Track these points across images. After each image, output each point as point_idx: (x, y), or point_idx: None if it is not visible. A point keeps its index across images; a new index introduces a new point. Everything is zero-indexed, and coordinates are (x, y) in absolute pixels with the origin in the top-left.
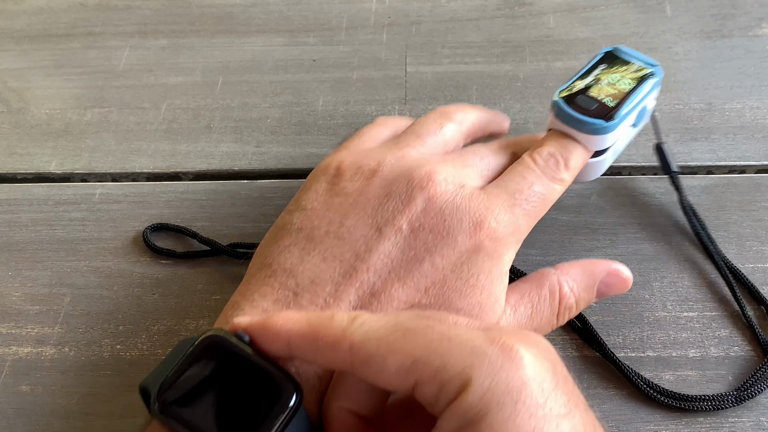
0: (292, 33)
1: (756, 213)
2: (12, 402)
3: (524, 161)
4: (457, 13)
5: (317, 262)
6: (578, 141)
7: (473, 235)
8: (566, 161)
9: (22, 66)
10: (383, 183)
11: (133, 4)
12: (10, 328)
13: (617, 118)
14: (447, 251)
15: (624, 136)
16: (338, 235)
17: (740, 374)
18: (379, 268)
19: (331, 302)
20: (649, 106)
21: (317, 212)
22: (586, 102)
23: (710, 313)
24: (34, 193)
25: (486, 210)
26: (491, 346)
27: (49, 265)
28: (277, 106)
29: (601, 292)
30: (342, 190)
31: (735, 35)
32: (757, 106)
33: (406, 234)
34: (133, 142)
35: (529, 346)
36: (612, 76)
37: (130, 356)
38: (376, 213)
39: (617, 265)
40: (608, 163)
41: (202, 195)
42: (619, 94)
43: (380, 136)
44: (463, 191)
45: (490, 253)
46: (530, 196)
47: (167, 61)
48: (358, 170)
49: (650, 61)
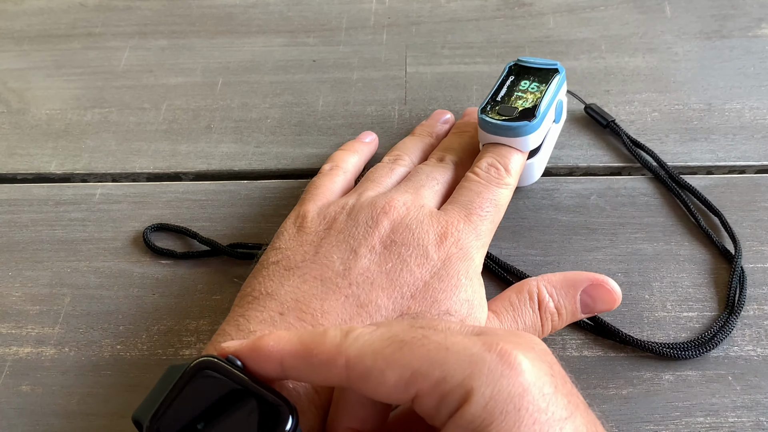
0: (292, 33)
1: (756, 213)
2: (12, 402)
3: (468, 177)
4: (456, 13)
5: (298, 284)
6: (512, 146)
7: (440, 246)
8: (506, 166)
9: (22, 66)
10: (349, 217)
11: (133, 5)
12: (10, 328)
13: (538, 115)
14: (421, 260)
15: (551, 134)
16: (314, 260)
17: (740, 373)
18: (361, 282)
19: (319, 316)
20: (564, 101)
21: (291, 248)
22: (507, 111)
23: (710, 313)
24: (34, 193)
25: (447, 224)
26: (489, 353)
27: (49, 265)
28: (277, 107)
29: (586, 303)
30: (311, 230)
31: (735, 36)
32: (757, 107)
33: (380, 250)
34: (133, 142)
35: (526, 351)
36: (522, 83)
37: (130, 356)
38: (348, 239)
39: (602, 277)
40: (545, 161)
41: (202, 195)
42: (533, 96)
43: (336, 186)
44: (422, 210)
45: (461, 257)
46: (482, 204)
47: (167, 61)
48: (325, 216)
49: (550, 62)
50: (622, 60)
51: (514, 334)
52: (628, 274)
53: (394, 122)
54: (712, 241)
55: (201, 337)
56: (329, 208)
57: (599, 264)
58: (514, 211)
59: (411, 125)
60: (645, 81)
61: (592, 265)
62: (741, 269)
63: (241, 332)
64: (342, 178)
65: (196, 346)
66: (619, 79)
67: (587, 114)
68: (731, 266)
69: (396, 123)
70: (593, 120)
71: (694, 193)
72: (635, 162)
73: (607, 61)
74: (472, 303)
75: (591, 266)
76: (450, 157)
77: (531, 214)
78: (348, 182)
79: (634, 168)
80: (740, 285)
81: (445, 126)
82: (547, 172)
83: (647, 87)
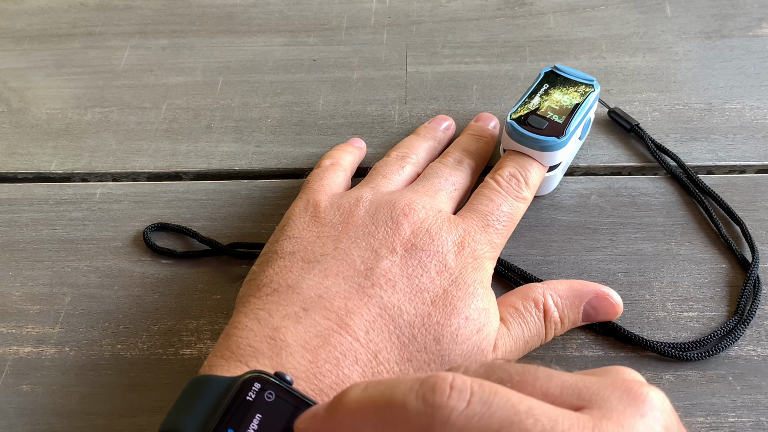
0: (292, 33)
1: (756, 213)
2: (13, 401)
3: (489, 184)
4: (457, 13)
5: (319, 279)
6: (534, 159)
7: (458, 255)
8: (526, 179)
9: (22, 66)
10: (367, 213)
11: (133, 4)
12: (10, 327)
13: (567, 133)
14: (440, 267)
15: (572, 149)
16: (334, 256)
17: (740, 373)
18: (383, 284)
19: (344, 315)
20: (591, 118)
21: (307, 239)
22: (537, 122)
23: (710, 313)
24: (34, 192)
25: (465, 232)
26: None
27: (49, 264)
28: (278, 106)
29: (588, 314)
30: (327, 222)
31: (735, 35)
32: (757, 106)
33: (401, 254)
34: (133, 141)
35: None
36: (556, 95)
37: (130, 356)
38: (368, 237)
39: (607, 290)
40: (561, 175)
41: (203, 195)
42: (565, 111)
43: (339, 179)
44: (441, 215)
45: (476, 267)
46: (500, 217)
47: (168, 61)
48: (339, 206)
49: (587, 77)
50: (622, 60)
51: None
52: (628, 273)
53: (395, 122)
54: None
55: (201, 336)
56: (342, 199)
57: (599, 264)
58: None
59: (411, 125)
60: (645, 81)
61: (593, 264)
62: (757, 277)
63: (265, 328)
64: (343, 174)
65: (197, 346)
66: (620, 78)
67: (610, 118)
68: (745, 274)
69: (396, 122)
70: (617, 123)
71: (716, 199)
72: (635, 162)
73: (607, 60)
74: (488, 312)
75: (591, 266)
76: (468, 162)
77: (531, 213)
78: (347, 179)
79: (635, 168)
80: (754, 293)
81: (448, 132)
82: None
83: (647, 86)
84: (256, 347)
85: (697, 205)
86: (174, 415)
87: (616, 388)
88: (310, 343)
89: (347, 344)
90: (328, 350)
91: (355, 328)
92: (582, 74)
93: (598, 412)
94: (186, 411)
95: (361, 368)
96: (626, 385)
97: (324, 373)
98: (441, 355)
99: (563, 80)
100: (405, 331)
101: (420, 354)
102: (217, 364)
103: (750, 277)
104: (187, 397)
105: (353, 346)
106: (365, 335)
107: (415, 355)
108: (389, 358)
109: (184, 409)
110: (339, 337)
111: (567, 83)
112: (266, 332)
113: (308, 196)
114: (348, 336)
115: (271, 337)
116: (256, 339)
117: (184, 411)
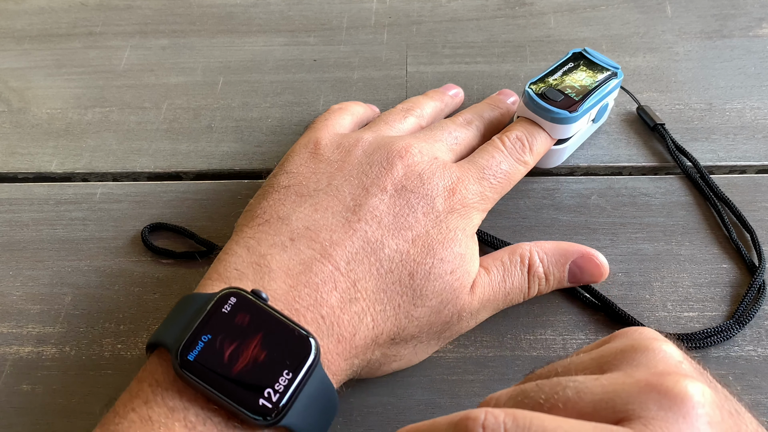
0: (292, 33)
1: (756, 213)
2: (13, 401)
3: (494, 142)
4: (457, 13)
5: (309, 212)
6: (543, 129)
7: (448, 199)
8: (531, 145)
9: (23, 66)
10: (364, 153)
11: (133, 4)
12: (11, 327)
13: (580, 110)
14: (427, 209)
15: (584, 130)
16: (326, 192)
17: (740, 373)
18: (369, 220)
19: (328, 246)
20: (610, 104)
21: (303, 174)
22: (553, 94)
23: (710, 313)
24: (35, 192)
25: (458, 179)
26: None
27: (50, 264)
28: (278, 106)
29: (573, 274)
30: (325, 159)
31: (735, 35)
32: (758, 106)
33: (391, 193)
34: (134, 141)
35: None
36: (578, 74)
37: (130, 355)
38: (361, 175)
39: (592, 251)
40: (568, 152)
41: (203, 195)
42: (583, 90)
43: (344, 122)
44: (436, 162)
45: (463, 214)
46: (497, 173)
47: (168, 60)
48: (339, 145)
49: (613, 63)
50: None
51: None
52: (628, 274)
53: None
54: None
55: None
56: (343, 139)
57: None
58: (515, 211)
59: None
60: (646, 80)
61: None
62: (762, 282)
63: (252, 255)
64: (349, 119)
65: None
66: None
67: (638, 114)
68: (751, 277)
69: None
70: (642, 120)
71: (730, 206)
72: (635, 162)
73: None
74: (464, 257)
75: None
76: (477, 124)
77: (531, 213)
78: (354, 124)
79: (635, 168)
80: (758, 296)
81: (455, 99)
82: (547, 172)
83: (648, 86)
84: (242, 271)
85: (710, 208)
86: (160, 328)
87: (652, 389)
88: (293, 269)
89: (328, 272)
90: (308, 276)
91: (337, 258)
92: (609, 60)
93: (638, 423)
94: (170, 323)
95: (340, 294)
96: (661, 384)
97: (302, 296)
98: (413, 288)
99: (588, 62)
100: (384, 264)
101: (395, 286)
102: (205, 284)
103: (756, 279)
104: (174, 312)
105: (333, 275)
106: (346, 265)
107: (390, 287)
108: (366, 287)
109: (169, 322)
110: (320, 266)
111: (592, 66)
112: (253, 258)
113: (311, 134)
114: (329, 265)
115: (257, 263)
116: (243, 264)
117: (169, 323)
